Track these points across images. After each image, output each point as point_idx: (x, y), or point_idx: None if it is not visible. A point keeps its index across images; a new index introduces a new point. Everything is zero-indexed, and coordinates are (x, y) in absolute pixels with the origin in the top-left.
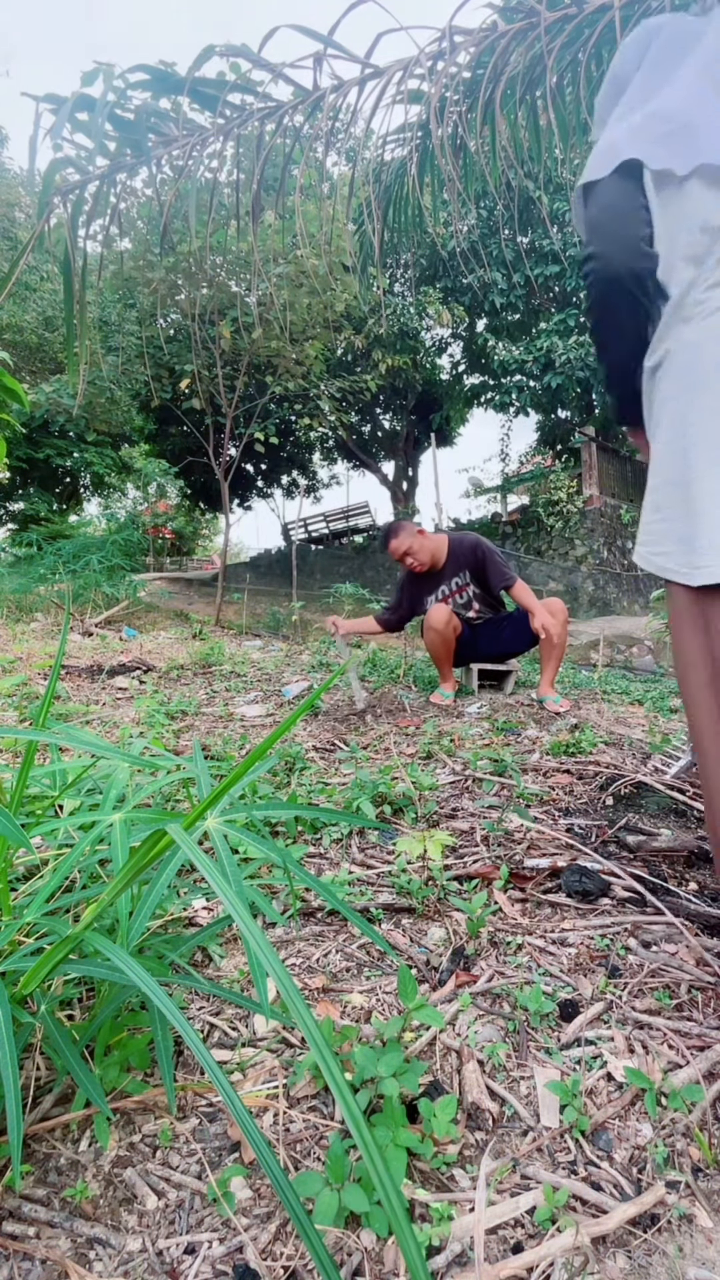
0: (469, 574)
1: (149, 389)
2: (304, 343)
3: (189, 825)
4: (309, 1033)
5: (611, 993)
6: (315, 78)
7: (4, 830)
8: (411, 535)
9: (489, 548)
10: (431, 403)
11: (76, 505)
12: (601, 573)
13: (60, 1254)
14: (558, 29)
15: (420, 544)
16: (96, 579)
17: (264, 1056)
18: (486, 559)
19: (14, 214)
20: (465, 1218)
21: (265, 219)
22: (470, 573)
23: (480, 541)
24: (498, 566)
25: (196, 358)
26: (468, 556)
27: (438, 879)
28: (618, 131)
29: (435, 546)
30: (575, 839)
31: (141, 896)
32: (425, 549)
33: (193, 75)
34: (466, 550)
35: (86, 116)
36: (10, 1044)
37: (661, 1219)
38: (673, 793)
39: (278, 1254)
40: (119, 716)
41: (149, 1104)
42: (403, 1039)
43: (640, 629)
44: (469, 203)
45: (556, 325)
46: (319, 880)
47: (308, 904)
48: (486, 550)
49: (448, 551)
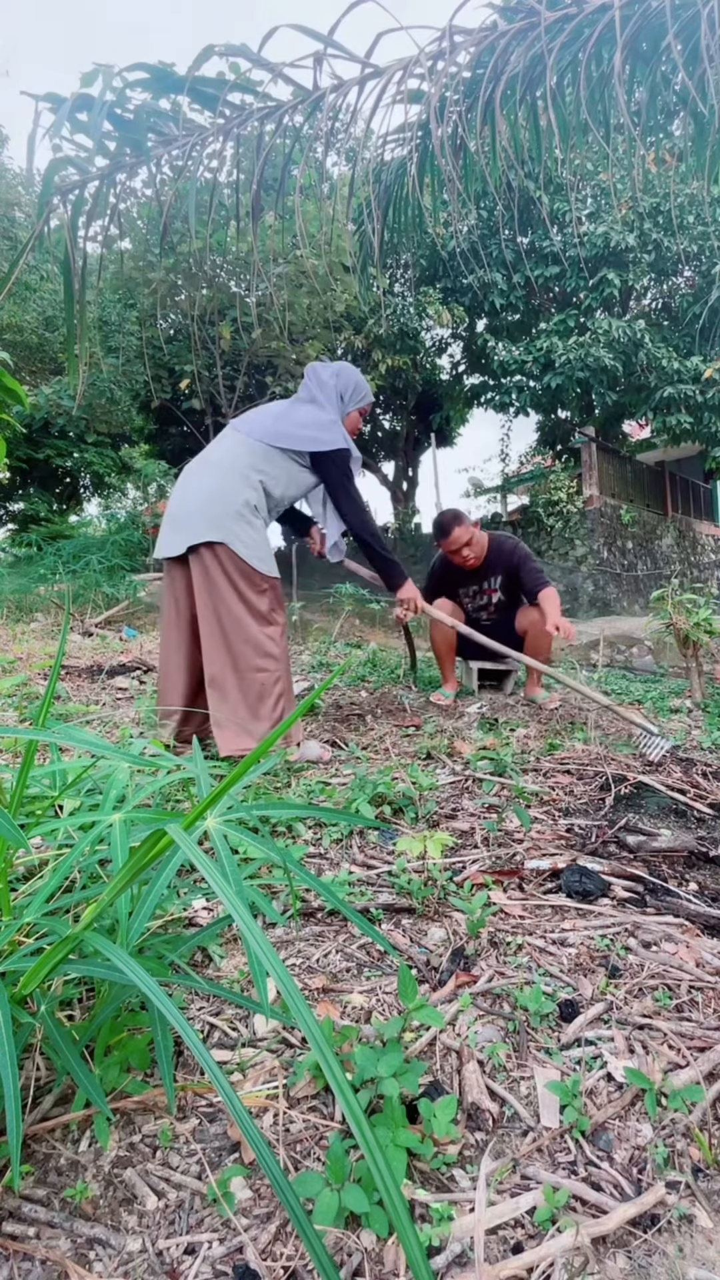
0: (502, 578)
1: (149, 389)
2: (304, 343)
3: (189, 825)
4: (310, 1032)
5: (611, 993)
6: (315, 77)
7: (3, 831)
8: (471, 529)
9: (526, 551)
10: (431, 403)
11: (76, 505)
12: (601, 573)
13: (60, 1254)
14: (558, 29)
15: (478, 538)
16: (96, 579)
17: (264, 1057)
18: (523, 562)
19: (14, 214)
20: (465, 1218)
21: (265, 219)
22: (504, 576)
23: (519, 544)
24: (532, 570)
25: (196, 358)
26: (506, 559)
27: (437, 879)
28: None
29: (484, 544)
30: (575, 839)
31: (141, 896)
32: (481, 544)
33: (192, 75)
34: (506, 552)
35: (86, 116)
36: (10, 1044)
37: (661, 1219)
38: (673, 793)
39: (278, 1254)
40: (119, 716)
41: (149, 1104)
42: (403, 1039)
43: (640, 629)
44: (469, 203)
45: (556, 326)
46: (319, 880)
47: (308, 904)
48: (524, 554)
49: (488, 551)
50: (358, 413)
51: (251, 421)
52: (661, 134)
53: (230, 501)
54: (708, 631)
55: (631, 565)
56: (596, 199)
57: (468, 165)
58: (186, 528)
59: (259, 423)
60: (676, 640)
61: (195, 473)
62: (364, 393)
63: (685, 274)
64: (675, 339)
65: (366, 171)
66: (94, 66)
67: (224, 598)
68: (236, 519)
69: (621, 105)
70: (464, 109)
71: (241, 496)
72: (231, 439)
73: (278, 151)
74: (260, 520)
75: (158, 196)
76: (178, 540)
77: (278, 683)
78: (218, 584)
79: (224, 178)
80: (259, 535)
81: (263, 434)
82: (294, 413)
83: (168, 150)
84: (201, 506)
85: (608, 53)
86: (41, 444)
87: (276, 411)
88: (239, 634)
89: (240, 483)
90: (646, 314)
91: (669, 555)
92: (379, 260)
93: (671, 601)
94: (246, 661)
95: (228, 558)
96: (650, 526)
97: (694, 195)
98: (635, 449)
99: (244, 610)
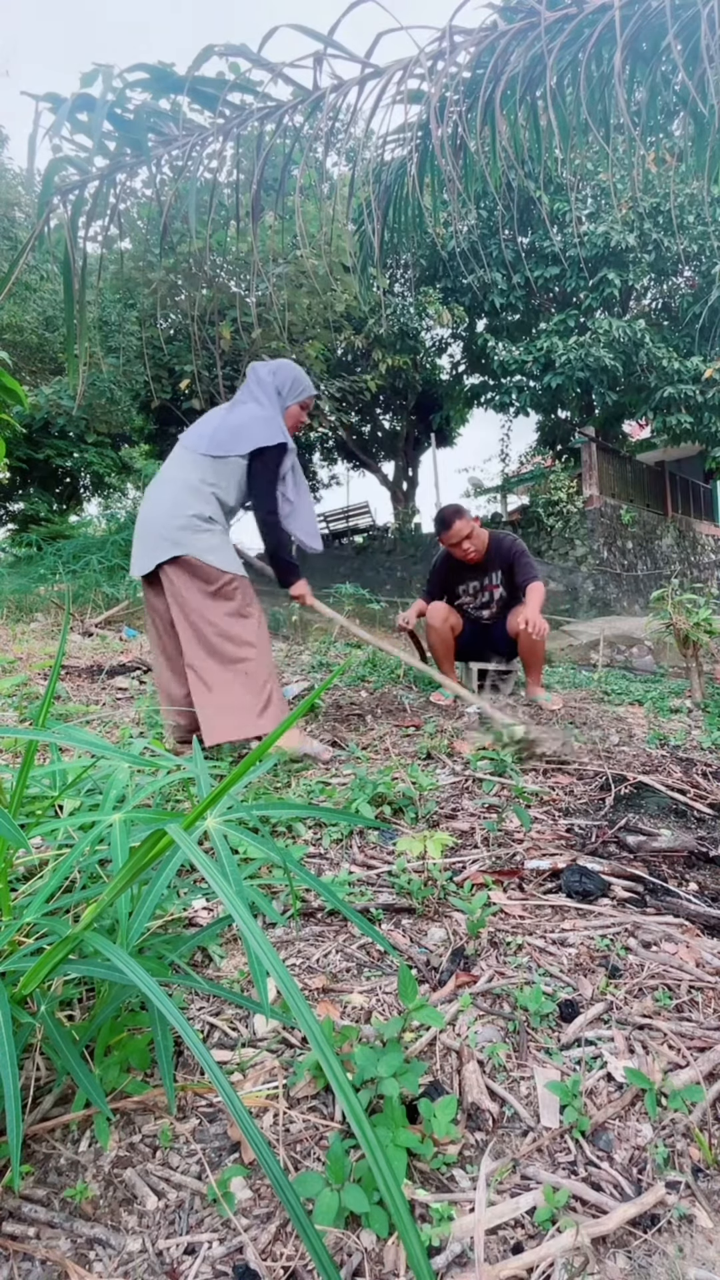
0: (502, 573)
1: (149, 389)
2: (304, 343)
3: (189, 825)
4: (310, 1032)
5: (611, 993)
6: (315, 77)
7: (3, 831)
8: (472, 523)
9: (524, 546)
10: (431, 403)
11: (76, 505)
12: (601, 573)
13: (60, 1254)
14: (558, 29)
15: (478, 532)
16: (96, 579)
17: (264, 1057)
18: (519, 556)
19: (14, 214)
20: (465, 1218)
21: (265, 219)
22: (504, 571)
23: (517, 540)
24: (526, 564)
25: (196, 358)
26: (505, 554)
27: (437, 879)
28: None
29: (485, 540)
30: (575, 839)
31: (141, 897)
32: (481, 539)
33: (192, 75)
34: (505, 547)
35: (86, 116)
36: (10, 1044)
37: (661, 1219)
38: (673, 793)
39: (278, 1254)
40: (119, 716)
41: (149, 1104)
42: (403, 1039)
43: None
44: (469, 203)
45: (556, 326)
46: (319, 880)
47: (308, 904)
48: (522, 548)
49: (488, 547)
50: (298, 406)
51: (194, 434)
52: (661, 134)
53: (183, 517)
54: (708, 631)
55: (631, 565)
56: (596, 199)
57: (468, 165)
58: (152, 547)
59: (200, 434)
60: (676, 640)
61: (153, 491)
62: (302, 386)
63: (685, 274)
64: (675, 339)
65: (366, 171)
66: (94, 66)
67: (194, 605)
68: (192, 531)
69: (621, 105)
70: (464, 109)
71: (193, 510)
72: (179, 455)
73: (278, 151)
74: (218, 526)
75: (158, 196)
76: (145, 560)
77: (261, 668)
78: (186, 596)
79: (224, 178)
80: (217, 539)
81: (205, 446)
82: (230, 418)
83: (168, 150)
84: (159, 525)
85: (608, 53)
86: (41, 444)
87: (215, 421)
88: (214, 631)
89: (191, 497)
90: (646, 314)
91: (669, 555)
92: (379, 260)
93: (671, 601)
94: (227, 654)
95: (190, 568)
96: (650, 526)
97: (694, 195)
98: (635, 449)
99: (215, 611)
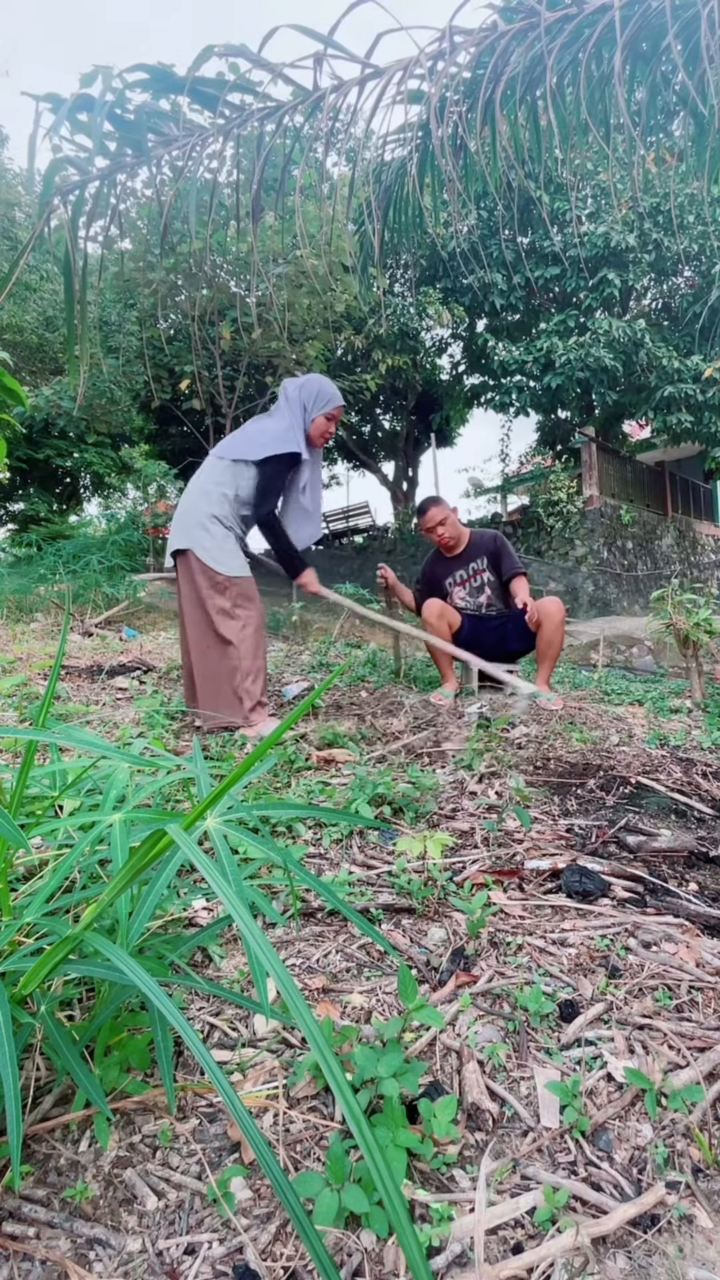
0: (486, 560)
1: (149, 389)
2: (304, 343)
3: (189, 825)
4: (310, 1033)
5: (611, 993)
6: (315, 78)
7: (3, 831)
8: (448, 510)
9: (506, 539)
10: (431, 403)
11: (76, 506)
12: (601, 573)
13: (60, 1254)
14: (558, 29)
15: (454, 520)
16: (96, 579)
17: (264, 1057)
18: (503, 547)
19: (14, 214)
20: (465, 1218)
21: (265, 219)
22: (488, 559)
23: (499, 534)
24: (511, 555)
25: (196, 358)
26: (488, 545)
27: (437, 879)
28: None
29: (462, 531)
30: (575, 839)
31: (141, 897)
32: (456, 526)
33: (192, 75)
34: (488, 539)
35: (86, 117)
36: (10, 1044)
37: (661, 1219)
38: (673, 793)
39: (278, 1254)
40: (119, 716)
41: (149, 1104)
42: (403, 1039)
43: (640, 629)
44: (469, 203)
45: (556, 326)
46: (319, 880)
47: (308, 904)
48: (504, 541)
49: (469, 539)
50: (324, 418)
51: (222, 443)
52: (661, 134)
53: (196, 515)
54: (708, 631)
55: (631, 565)
56: (596, 199)
57: (468, 165)
58: (174, 536)
59: (227, 444)
60: (676, 640)
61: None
62: (328, 398)
63: (685, 274)
64: (675, 339)
65: (366, 172)
66: (94, 67)
67: (190, 595)
68: (200, 529)
69: (621, 105)
70: (464, 109)
71: (205, 510)
72: (206, 461)
73: (278, 152)
74: (221, 528)
75: (158, 197)
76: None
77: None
78: (186, 585)
79: (224, 178)
80: (218, 541)
81: (222, 451)
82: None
83: (168, 150)
84: (180, 519)
85: (608, 53)
86: (41, 444)
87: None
88: (204, 621)
89: (203, 498)
90: (647, 314)
91: (669, 555)
92: (379, 260)
93: (671, 601)
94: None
95: (194, 562)
96: (650, 526)
97: (694, 195)
98: (635, 449)
99: (208, 604)
